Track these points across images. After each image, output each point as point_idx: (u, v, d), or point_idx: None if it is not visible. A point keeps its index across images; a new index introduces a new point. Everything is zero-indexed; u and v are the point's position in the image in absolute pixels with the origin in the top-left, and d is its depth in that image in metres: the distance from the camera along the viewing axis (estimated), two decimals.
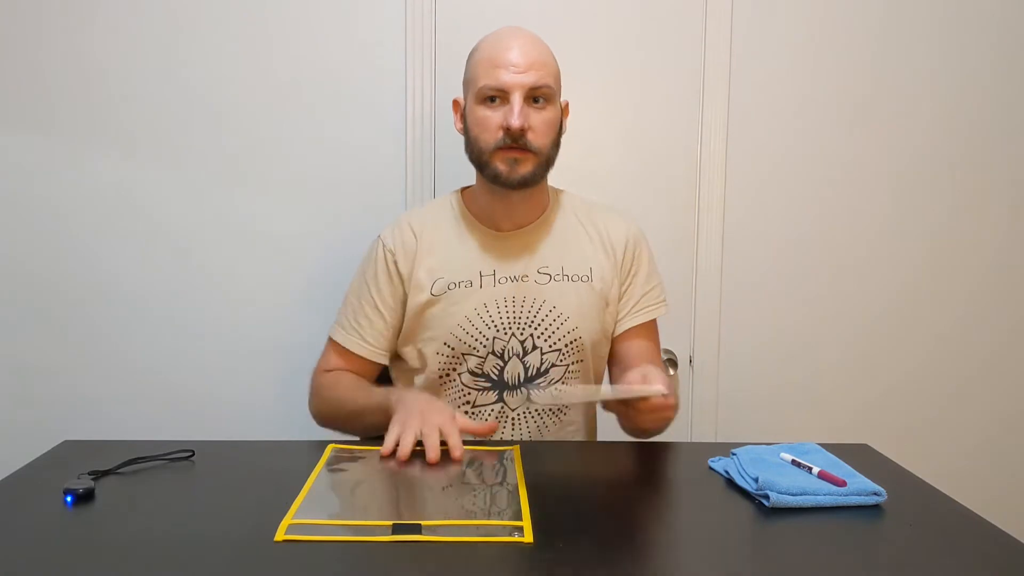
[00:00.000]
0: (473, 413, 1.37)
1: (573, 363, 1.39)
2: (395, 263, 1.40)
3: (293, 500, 0.97)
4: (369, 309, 1.41)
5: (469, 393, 1.38)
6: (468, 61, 1.38)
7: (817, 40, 1.85)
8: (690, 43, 1.83)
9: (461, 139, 1.39)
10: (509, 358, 1.36)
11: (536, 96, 1.31)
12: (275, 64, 1.78)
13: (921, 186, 1.90)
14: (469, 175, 1.41)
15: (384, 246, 1.42)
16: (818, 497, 0.99)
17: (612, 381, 1.46)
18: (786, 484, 0.99)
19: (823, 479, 1.02)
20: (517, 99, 1.29)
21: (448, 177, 1.79)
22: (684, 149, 1.86)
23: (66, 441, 1.22)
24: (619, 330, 1.43)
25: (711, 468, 1.12)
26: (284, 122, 1.79)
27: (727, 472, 1.09)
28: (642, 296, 1.44)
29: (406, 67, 1.78)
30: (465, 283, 1.37)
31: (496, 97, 1.31)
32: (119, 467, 1.08)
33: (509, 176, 1.32)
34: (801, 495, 0.98)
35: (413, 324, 1.39)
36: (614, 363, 1.46)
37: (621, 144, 1.85)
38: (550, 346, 1.37)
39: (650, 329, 1.46)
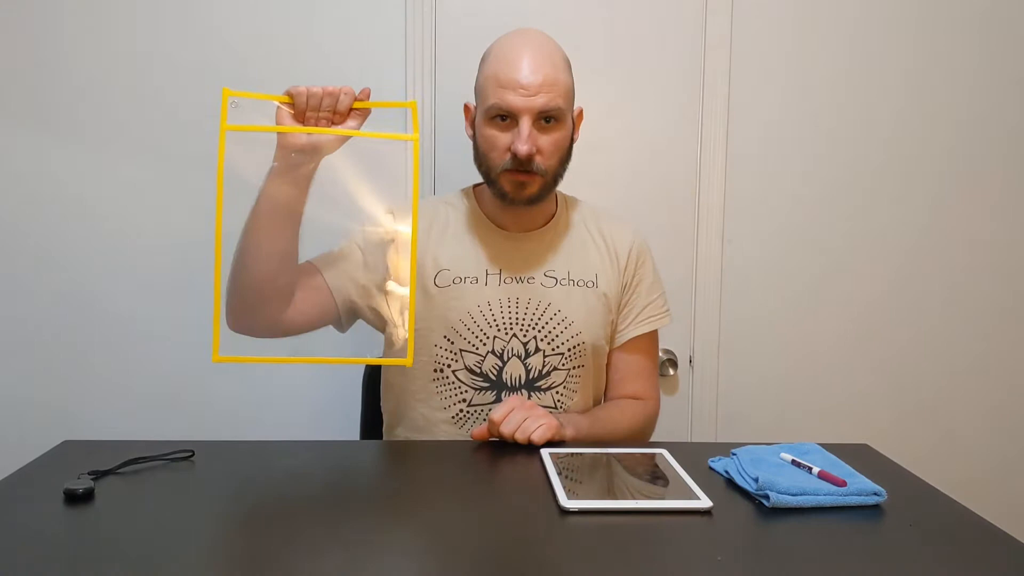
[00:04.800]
0: (470, 412, 1.37)
1: (574, 368, 1.39)
2: (393, 240, 1.35)
3: (292, 500, 0.96)
4: (348, 251, 1.36)
5: (466, 391, 1.37)
6: (480, 65, 1.35)
7: (817, 40, 1.85)
8: (690, 43, 1.83)
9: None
10: (508, 359, 1.36)
11: (546, 116, 1.29)
12: (274, 65, 1.77)
13: (922, 185, 1.90)
14: (469, 176, 1.41)
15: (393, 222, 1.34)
16: (818, 497, 0.99)
17: (605, 388, 1.47)
18: (786, 484, 0.99)
19: (823, 479, 1.02)
20: (525, 123, 1.27)
21: (449, 177, 1.79)
22: (684, 149, 1.86)
23: (66, 441, 1.22)
24: (619, 340, 1.45)
25: (711, 468, 1.12)
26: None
27: (727, 472, 1.09)
28: (645, 307, 1.45)
29: (406, 67, 1.78)
30: (471, 279, 1.37)
31: (505, 116, 1.29)
32: (119, 467, 1.08)
33: (515, 198, 1.33)
34: (801, 495, 0.98)
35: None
36: (611, 372, 1.46)
37: (621, 144, 1.85)
38: (553, 349, 1.37)
39: (650, 340, 1.47)
